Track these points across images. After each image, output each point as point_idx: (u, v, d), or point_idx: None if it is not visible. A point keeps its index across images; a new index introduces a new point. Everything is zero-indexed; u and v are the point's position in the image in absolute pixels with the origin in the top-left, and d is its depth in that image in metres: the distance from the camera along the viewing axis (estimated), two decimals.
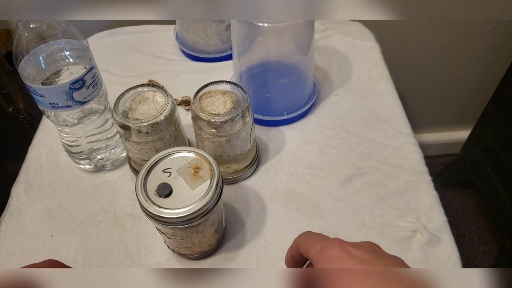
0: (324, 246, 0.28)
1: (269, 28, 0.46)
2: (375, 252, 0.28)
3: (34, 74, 0.39)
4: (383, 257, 0.27)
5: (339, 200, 0.46)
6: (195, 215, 0.33)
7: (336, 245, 0.28)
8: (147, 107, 0.41)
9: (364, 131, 0.53)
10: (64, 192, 0.48)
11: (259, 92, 0.54)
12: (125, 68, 0.63)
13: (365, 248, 0.28)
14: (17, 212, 0.46)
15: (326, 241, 0.29)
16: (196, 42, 0.63)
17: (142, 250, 0.42)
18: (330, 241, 0.28)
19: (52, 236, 0.44)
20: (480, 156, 1.01)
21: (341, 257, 0.27)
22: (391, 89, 0.58)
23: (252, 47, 0.50)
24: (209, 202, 0.33)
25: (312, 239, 0.30)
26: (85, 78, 0.40)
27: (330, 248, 0.28)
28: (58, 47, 0.39)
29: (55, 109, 0.40)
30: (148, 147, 0.42)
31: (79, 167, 0.49)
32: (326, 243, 0.28)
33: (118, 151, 0.49)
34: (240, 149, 0.44)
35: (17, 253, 0.43)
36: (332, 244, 0.28)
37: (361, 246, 0.28)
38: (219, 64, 0.63)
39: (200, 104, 0.42)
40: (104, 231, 0.44)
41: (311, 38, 0.50)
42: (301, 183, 0.47)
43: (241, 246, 0.42)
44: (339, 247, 0.27)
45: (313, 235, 0.31)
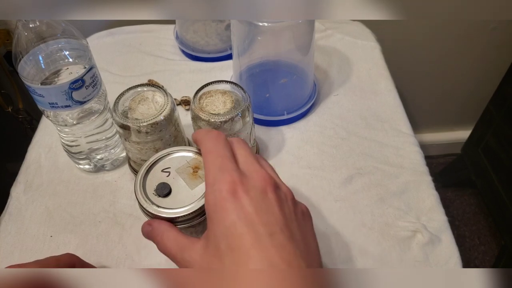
0: (217, 179, 0.27)
1: (269, 27, 0.46)
2: (265, 200, 0.27)
3: (33, 74, 0.39)
4: (266, 213, 0.26)
5: (339, 200, 0.46)
6: (194, 215, 0.33)
7: (227, 185, 0.26)
8: (147, 107, 0.41)
9: (364, 131, 0.53)
10: (63, 192, 0.48)
11: (259, 92, 0.54)
12: (125, 68, 0.63)
13: (256, 193, 0.27)
14: (16, 212, 0.46)
15: (221, 173, 0.27)
16: (196, 42, 0.63)
17: (141, 250, 0.42)
18: (224, 175, 0.27)
19: (51, 236, 0.44)
20: (481, 156, 1.01)
21: (225, 203, 0.26)
22: (391, 89, 0.58)
23: (252, 47, 0.50)
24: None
25: (211, 160, 0.28)
26: (84, 78, 0.40)
27: (220, 187, 0.26)
28: (57, 47, 0.39)
29: (55, 109, 0.40)
30: (148, 147, 0.42)
31: (78, 167, 0.49)
32: (219, 176, 0.27)
33: (118, 151, 0.49)
34: None
35: (16, 253, 0.43)
36: (223, 183, 0.27)
37: (252, 189, 0.27)
38: (219, 63, 0.63)
39: (200, 104, 0.41)
40: (103, 231, 0.44)
41: (311, 38, 0.50)
42: (301, 183, 0.47)
43: None
44: (230, 190, 0.26)
45: (213, 150, 0.29)
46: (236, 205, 0.26)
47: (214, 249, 0.26)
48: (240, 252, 0.25)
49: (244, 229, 0.25)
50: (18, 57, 0.38)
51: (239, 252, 0.25)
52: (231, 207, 0.26)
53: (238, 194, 0.26)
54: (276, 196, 0.27)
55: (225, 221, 0.26)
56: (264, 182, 0.27)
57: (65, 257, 0.36)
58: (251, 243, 0.25)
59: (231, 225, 0.25)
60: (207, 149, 0.29)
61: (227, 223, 0.25)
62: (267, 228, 0.25)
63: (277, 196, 0.27)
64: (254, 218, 0.25)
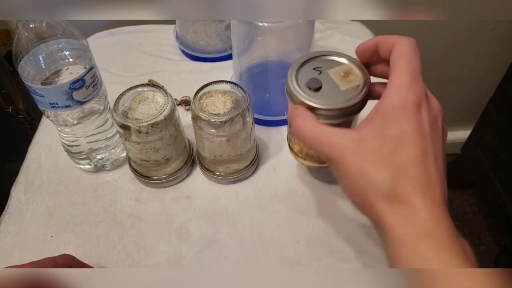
0: (409, 86, 0.29)
1: (269, 28, 0.46)
2: (437, 125, 0.30)
3: (33, 74, 0.39)
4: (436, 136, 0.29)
5: (339, 200, 0.46)
6: (341, 112, 0.34)
7: (416, 96, 0.28)
8: (147, 107, 0.41)
9: None
10: (63, 192, 0.48)
11: (259, 92, 0.54)
12: (125, 68, 0.63)
13: (432, 116, 0.29)
14: (16, 212, 0.46)
15: (415, 83, 0.29)
16: (196, 42, 0.63)
17: (142, 250, 0.42)
18: (417, 86, 0.29)
19: (52, 236, 0.44)
20: (481, 156, 1.01)
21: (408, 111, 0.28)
22: None
23: (252, 47, 0.50)
24: (359, 102, 0.34)
25: (409, 67, 0.30)
26: (84, 78, 0.40)
27: (409, 95, 0.28)
28: (58, 47, 0.39)
29: (55, 109, 0.40)
30: (148, 147, 0.42)
31: (78, 167, 0.49)
32: (412, 85, 0.29)
33: (118, 151, 0.49)
34: (240, 149, 0.44)
35: (17, 253, 0.43)
36: (414, 92, 0.28)
37: (431, 111, 0.29)
38: (219, 64, 0.63)
39: (200, 104, 0.41)
40: (104, 231, 0.44)
41: (311, 38, 0.50)
42: (301, 183, 0.47)
43: (241, 246, 0.42)
44: (416, 102, 0.28)
45: (413, 58, 0.30)
46: (417, 117, 0.28)
47: (375, 144, 0.28)
48: (405, 156, 0.27)
49: (418, 139, 0.28)
50: (19, 57, 0.38)
51: (404, 156, 0.27)
52: (413, 117, 0.28)
53: (421, 108, 0.29)
54: (442, 127, 0.31)
55: (403, 126, 0.28)
56: (438, 111, 0.31)
57: (62, 258, 0.36)
58: (418, 153, 0.27)
59: (407, 131, 0.28)
60: (405, 53, 0.31)
61: (404, 128, 0.28)
62: (434, 146, 0.28)
63: (443, 128, 0.31)
64: (428, 134, 0.28)
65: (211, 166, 0.46)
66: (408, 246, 0.26)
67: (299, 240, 0.42)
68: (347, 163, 0.29)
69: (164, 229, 0.44)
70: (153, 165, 0.44)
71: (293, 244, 0.42)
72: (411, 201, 0.27)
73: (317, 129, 0.31)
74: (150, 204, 0.46)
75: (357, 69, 0.36)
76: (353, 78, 0.36)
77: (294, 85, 0.35)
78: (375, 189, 0.28)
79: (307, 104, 0.33)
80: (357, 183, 0.28)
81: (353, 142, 0.29)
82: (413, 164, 0.27)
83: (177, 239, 0.43)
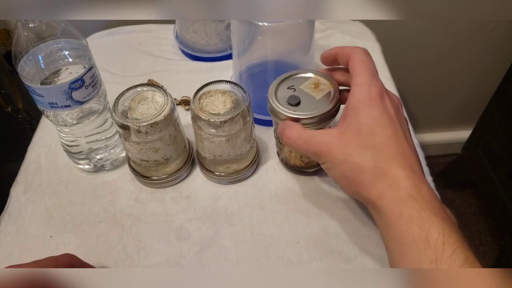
0: (370, 83, 0.34)
1: (269, 27, 0.46)
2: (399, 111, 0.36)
3: (33, 73, 0.39)
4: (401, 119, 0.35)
5: (339, 200, 0.46)
6: (325, 116, 0.39)
7: (378, 89, 0.34)
8: (147, 106, 0.41)
9: None
10: (63, 192, 0.48)
11: (259, 92, 0.54)
12: (125, 67, 0.63)
13: (393, 104, 0.35)
14: (16, 212, 0.46)
15: (374, 79, 0.35)
16: (196, 42, 0.63)
17: (141, 250, 0.42)
18: (376, 82, 0.35)
19: (51, 237, 0.44)
20: (481, 156, 1.01)
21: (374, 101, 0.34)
22: (392, 89, 0.58)
23: (252, 47, 0.50)
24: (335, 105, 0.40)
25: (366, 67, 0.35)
26: (84, 78, 0.40)
27: (371, 89, 0.34)
28: (57, 47, 0.39)
29: (54, 109, 0.40)
30: (148, 147, 0.42)
31: (78, 167, 0.49)
32: (373, 81, 0.35)
33: (118, 151, 0.49)
34: (240, 149, 0.44)
35: (16, 254, 0.42)
36: (375, 87, 0.34)
37: (391, 101, 0.35)
38: (219, 63, 0.63)
39: (200, 104, 0.41)
40: (103, 231, 0.44)
41: (312, 38, 0.50)
42: (301, 183, 0.47)
43: (241, 246, 0.42)
44: (379, 93, 0.34)
45: (367, 61, 0.36)
46: (382, 105, 0.34)
47: (353, 133, 0.33)
48: (380, 137, 0.32)
49: (387, 121, 0.33)
50: (18, 57, 0.38)
51: (380, 137, 0.32)
52: (379, 105, 0.33)
53: (384, 98, 0.34)
54: (402, 115, 0.36)
55: (372, 113, 0.33)
56: (398, 101, 0.37)
57: (64, 258, 0.36)
58: (391, 133, 0.32)
59: (377, 116, 0.33)
60: (361, 59, 0.36)
61: (373, 114, 0.33)
62: (402, 128, 0.34)
63: (403, 115, 0.36)
64: (394, 118, 0.34)
65: (211, 166, 0.46)
66: (394, 210, 0.30)
67: (299, 240, 0.42)
68: (333, 154, 0.34)
69: (164, 229, 0.44)
70: (152, 165, 0.44)
71: (293, 244, 0.42)
72: (393, 172, 0.31)
73: (304, 133, 0.36)
74: (150, 204, 0.46)
75: (323, 78, 0.42)
76: (323, 86, 0.42)
77: (277, 105, 0.40)
78: (361, 169, 0.32)
79: (293, 117, 0.39)
80: (344, 168, 0.33)
81: (335, 136, 0.34)
82: (389, 142, 0.32)
83: (176, 239, 0.43)
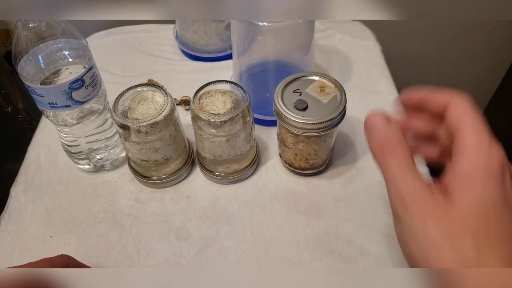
0: (492, 145, 0.26)
1: (269, 27, 0.46)
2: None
3: (33, 73, 0.39)
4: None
5: (339, 200, 0.46)
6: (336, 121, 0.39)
7: (502, 158, 0.26)
8: (147, 106, 0.41)
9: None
10: (63, 192, 0.48)
11: (259, 92, 0.54)
12: (125, 67, 0.63)
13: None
14: (16, 212, 0.46)
15: (492, 140, 0.26)
16: (196, 42, 0.62)
17: (141, 250, 0.42)
18: (497, 147, 0.26)
19: (51, 237, 0.44)
20: None
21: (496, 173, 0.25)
22: (391, 89, 0.58)
23: (252, 47, 0.50)
24: (343, 110, 0.40)
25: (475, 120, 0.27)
26: (84, 78, 0.40)
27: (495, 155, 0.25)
28: (57, 47, 0.39)
29: (54, 109, 0.40)
30: (148, 147, 0.42)
31: (78, 167, 0.49)
32: (493, 145, 0.26)
33: (118, 151, 0.49)
34: (240, 149, 0.44)
35: (16, 254, 0.42)
36: (498, 152, 0.26)
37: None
38: (219, 63, 0.63)
39: (200, 104, 0.41)
40: (103, 231, 0.44)
41: (311, 38, 0.50)
42: (301, 183, 0.47)
43: (241, 246, 0.42)
44: (501, 164, 0.25)
45: (477, 114, 0.27)
46: (504, 181, 0.25)
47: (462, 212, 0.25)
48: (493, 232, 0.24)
49: (506, 211, 0.25)
50: (18, 57, 0.38)
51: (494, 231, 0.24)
52: (499, 181, 0.25)
53: (505, 172, 0.25)
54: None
55: (491, 191, 0.25)
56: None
57: (59, 259, 0.36)
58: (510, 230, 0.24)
59: (497, 201, 0.25)
60: (469, 110, 0.28)
61: (493, 196, 0.25)
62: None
63: None
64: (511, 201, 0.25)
65: (211, 166, 0.46)
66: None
67: (299, 240, 0.42)
68: (426, 224, 0.26)
69: (164, 229, 0.44)
70: (152, 165, 0.44)
71: (293, 244, 0.42)
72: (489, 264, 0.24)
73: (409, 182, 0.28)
74: (150, 204, 0.46)
75: (328, 81, 0.42)
76: (329, 90, 0.41)
77: (284, 109, 0.40)
78: (454, 258, 0.25)
79: (301, 123, 0.39)
80: (426, 245, 0.26)
81: (438, 205, 0.26)
82: (504, 242, 0.24)
83: (176, 239, 0.43)
